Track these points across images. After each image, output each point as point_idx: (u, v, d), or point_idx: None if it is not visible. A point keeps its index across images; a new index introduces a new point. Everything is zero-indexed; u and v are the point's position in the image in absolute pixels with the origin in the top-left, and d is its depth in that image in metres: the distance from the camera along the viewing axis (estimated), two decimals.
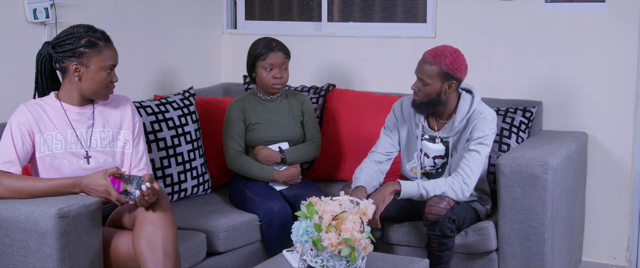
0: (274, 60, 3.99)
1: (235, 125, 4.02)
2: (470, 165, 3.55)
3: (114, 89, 3.24)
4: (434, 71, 3.52)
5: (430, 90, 3.56)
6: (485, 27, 4.44)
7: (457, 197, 3.54)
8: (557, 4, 4.25)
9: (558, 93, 4.31)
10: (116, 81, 3.21)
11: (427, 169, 3.75)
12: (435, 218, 3.48)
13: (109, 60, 3.15)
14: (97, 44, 3.12)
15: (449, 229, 3.49)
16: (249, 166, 4.01)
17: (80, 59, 3.11)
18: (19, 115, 3.12)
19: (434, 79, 3.53)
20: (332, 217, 2.83)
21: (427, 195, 3.55)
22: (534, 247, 3.62)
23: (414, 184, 3.56)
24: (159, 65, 4.71)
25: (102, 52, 3.13)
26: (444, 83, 3.54)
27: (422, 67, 3.57)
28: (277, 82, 4.02)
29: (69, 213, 2.84)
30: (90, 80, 3.14)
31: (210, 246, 3.62)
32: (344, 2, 4.96)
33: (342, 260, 2.85)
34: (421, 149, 3.73)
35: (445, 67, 3.51)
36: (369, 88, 4.65)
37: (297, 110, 4.14)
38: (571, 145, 3.95)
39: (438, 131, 3.70)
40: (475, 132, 3.57)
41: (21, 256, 2.89)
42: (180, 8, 4.83)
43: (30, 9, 3.83)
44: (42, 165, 3.12)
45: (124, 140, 3.28)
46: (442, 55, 3.52)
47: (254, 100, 4.09)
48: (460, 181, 3.54)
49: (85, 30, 3.13)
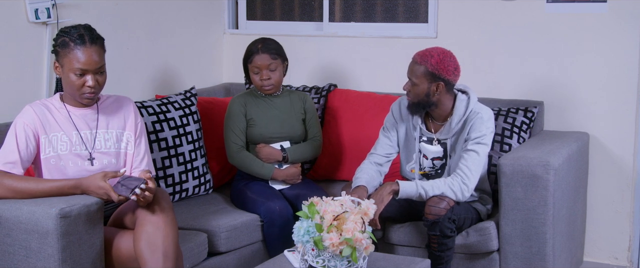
0: (260, 62, 3.98)
1: (236, 119, 4.02)
2: (469, 165, 3.55)
3: (90, 93, 3.08)
4: (420, 71, 3.53)
5: (419, 91, 3.56)
6: (486, 27, 4.44)
7: (457, 197, 3.54)
8: (559, 4, 4.25)
9: (559, 93, 4.31)
10: (93, 86, 3.07)
11: (426, 170, 3.75)
12: (435, 219, 3.48)
13: (77, 63, 3.03)
14: (69, 44, 3.04)
15: (448, 229, 3.49)
16: (250, 162, 4.00)
17: (57, 57, 3.09)
18: (24, 116, 3.11)
19: (421, 78, 3.54)
20: (334, 217, 2.83)
21: (426, 196, 3.55)
22: (535, 247, 3.62)
23: (413, 184, 3.56)
24: (161, 65, 4.71)
25: (71, 53, 3.03)
26: (431, 84, 3.54)
27: (411, 66, 3.59)
28: (266, 84, 4.01)
29: (70, 213, 2.84)
30: (65, 82, 3.10)
31: (211, 246, 3.63)
32: (345, 2, 4.96)
33: (343, 260, 2.85)
34: (420, 150, 3.73)
35: (430, 67, 3.51)
36: (370, 88, 4.65)
37: (299, 108, 4.14)
38: (572, 145, 3.95)
39: (435, 133, 3.70)
40: (473, 132, 3.57)
41: (23, 256, 2.89)
42: (182, 8, 4.83)
43: (32, 9, 3.83)
44: (46, 167, 3.12)
45: (126, 141, 3.27)
46: (430, 55, 3.53)
47: (256, 97, 4.09)
48: (459, 181, 3.54)
49: (69, 29, 3.08)
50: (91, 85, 3.07)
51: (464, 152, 3.57)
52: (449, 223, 3.49)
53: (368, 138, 4.11)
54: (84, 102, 3.15)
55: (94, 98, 3.14)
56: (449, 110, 3.65)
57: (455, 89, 3.66)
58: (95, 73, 3.08)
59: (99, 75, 3.10)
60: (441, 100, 3.60)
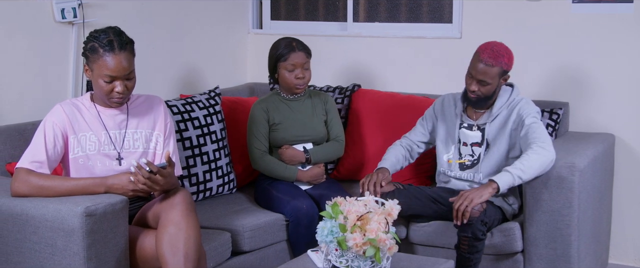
0: (296, 60, 3.99)
1: (259, 125, 4.03)
2: (537, 133, 3.56)
3: (119, 98, 3.10)
4: (496, 72, 3.61)
5: (491, 88, 3.65)
6: (511, 28, 4.42)
7: (551, 157, 3.51)
8: (585, 4, 4.22)
9: (585, 94, 4.29)
10: (122, 91, 3.07)
11: (465, 159, 3.75)
12: (469, 220, 3.47)
13: (106, 69, 3.03)
14: (98, 50, 3.03)
15: (480, 232, 3.48)
16: (274, 166, 4.01)
17: (87, 61, 3.09)
18: (54, 116, 3.12)
19: (495, 78, 3.62)
20: (357, 217, 2.83)
21: (526, 179, 3.52)
22: (560, 249, 3.60)
23: (507, 175, 3.51)
24: (185, 65, 4.73)
25: (100, 59, 3.03)
26: (501, 78, 3.66)
27: (483, 69, 3.60)
28: (300, 82, 4.02)
29: (95, 212, 2.86)
30: (94, 85, 3.11)
31: (235, 245, 3.64)
32: (369, 2, 4.96)
33: (366, 261, 2.84)
34: (459, 139, 3.76)
35: (505, 66, 3.63)
36: (394, 88, 4.65)
37: (320, 110, 4.14)
38: (598, 146, 3.92)
39: (476, 120, 3.76)
40: (524, 113, 3.64)
41: (48, 254, 2.91)
42: (206, 8, 4.85)
43: (59, 9, 3.86)
44: (75, 166, 3.14)
45: (156, 141, 3.28)
46: (500, 55, 3.60)
47: (278, 100, 4.10)
48: (538, 146, 3.51)
49: (99, 33, 3.07)
50: (120, 92, 3.08)
51: (525, 129, 3.60)
52: (481, 225, 3.47)
53: (391, 139, 4.10)
54: (114, 106, 3.17)
55: (123, 102, 3.16)
56: (495, 97, 3.73)
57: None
58: (124, 79, 3.08)
59: (127, 81, 3.10)
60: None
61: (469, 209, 3.44)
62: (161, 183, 3.03)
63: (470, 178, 3.77)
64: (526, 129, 3.60)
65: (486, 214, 3.50)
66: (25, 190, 2.99)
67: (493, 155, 3.70)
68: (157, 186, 3.02)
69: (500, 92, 3.71)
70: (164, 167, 3.03)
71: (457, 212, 3.46)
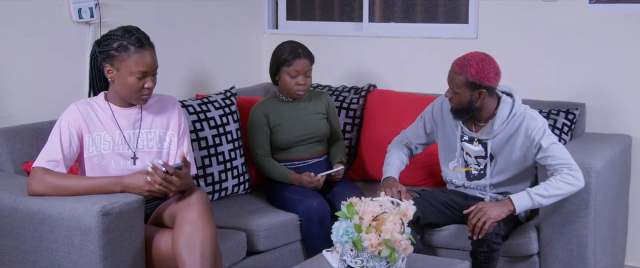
0: (300, 67, 3.99)
1: (259, 130, 4.05)
2: (558, 155, 3.44)
3: (148, 94, 3.16)
4: (461, 81, 3.45)
5: (461, 99, 3.49)
6: (527, 28, 4.40)
7: (579, 185, 3.42)
8: (602, 4, 4.20)
9: (601, 95, 4.26)
10: (151, 87, 3.15)
11: (472, 167, 3.72)
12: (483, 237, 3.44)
13: (138, 66, 3.08)
14: (128, 48, 3.07)
15: (496, 244, 3.45)
16: (270, 168, 4.04)
17: (112, 61, 3.10)
18: (69, 115, 3.14)
19: (462, 88, 3.46)
20: (373, 217, 2.83)
21: (546, 205, 3.47)
22: (576, 250, 3.59)
23: (526, 197, 3.44)
24: (201, 65, 4.74)
25: (131, 57, 3.07)
26: (473, 92, 3.46)
27: (451, 76, 3.51)
28: (301, 89, 4.03)
29: (112, 211, 2.87)
30: (121, 84, 3.12)
31: (250, 245, 3.64)
32: (385, 2, 4.95)
33: (382, 261, 2.84)
34: (462, 148, 3.71)
35: (471, 77, 3.42)
36: (409, 89, 4.64)
37: (321, 107, 4.15)
38: (615, 148, 3.90)
39: (476, 133, 3.66)
40: (534, 133, 3.48)
41: (65, 252, 2.93)
42: (222, 8, 4.86)
43: (75, 9, 3.88)
44: (90, 165, 3.15)
45: (170, 140, 3.29)
46: (468, 64, 3.43)
47: (276, 102, 4.11)
48: (566, 172, 3.42)
49: (122, 33, 3.10)
50: (150, 87, 3.14)
51: (543, 152, 3.47)
52: (496, 238, 3.44)
53: None
54: (141, 103, 3.21)
55: (149, 98, 3.20)
56: (492, 112, 3.59)
57: (500, 91, 3.62)
58: (152, 74, 3.15)
59: (155, 77, 3.17)
60: (484, 104, 3.54)
61: (486, 227, 3.38)
62: (177, 184, 3.04)
63: (481, 186, 3.74)
64: (545, 153, 3.47)
65: (501, 227, 3.46)
66: (41, 189, 3.00)
67: (500, 164, 3.63)
68: (173, 187, 3.03)
69: (500, 107, 3.56)
70: (179, 167, 3.04)
71: (474, 227, 3.42)
